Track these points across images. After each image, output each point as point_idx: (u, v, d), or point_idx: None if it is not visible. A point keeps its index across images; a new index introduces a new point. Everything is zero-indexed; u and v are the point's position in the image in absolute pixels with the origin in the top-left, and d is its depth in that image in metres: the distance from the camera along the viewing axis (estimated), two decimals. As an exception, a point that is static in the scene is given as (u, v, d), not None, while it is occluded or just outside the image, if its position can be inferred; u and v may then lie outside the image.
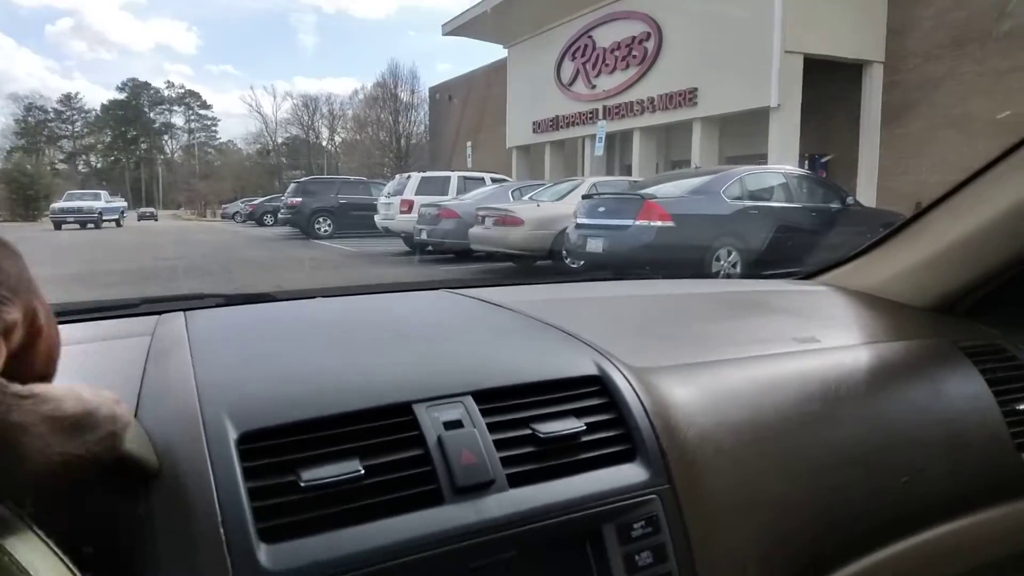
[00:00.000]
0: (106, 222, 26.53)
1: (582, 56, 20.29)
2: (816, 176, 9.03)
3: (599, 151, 16.04)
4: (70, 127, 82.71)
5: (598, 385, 0.79)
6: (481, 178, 14.43)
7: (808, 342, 1.03)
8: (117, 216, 28.16)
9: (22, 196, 41.58)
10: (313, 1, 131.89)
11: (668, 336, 1.03)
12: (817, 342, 1.03)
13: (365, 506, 0.61)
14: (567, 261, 8.68)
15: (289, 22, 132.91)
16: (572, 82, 20.77)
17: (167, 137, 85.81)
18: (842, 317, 1.25)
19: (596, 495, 0.68)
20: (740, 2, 14.74)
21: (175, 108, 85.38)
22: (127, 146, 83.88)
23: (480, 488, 0.65)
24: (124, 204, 31.70)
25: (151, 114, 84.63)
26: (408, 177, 13.91)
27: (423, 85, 41.69)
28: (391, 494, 0.63)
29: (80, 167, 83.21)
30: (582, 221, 8.17)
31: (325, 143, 71.43)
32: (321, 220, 18.80)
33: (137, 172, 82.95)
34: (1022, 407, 1.09)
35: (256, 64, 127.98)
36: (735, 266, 7.45)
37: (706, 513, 0.73)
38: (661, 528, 0.69)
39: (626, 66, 18.72)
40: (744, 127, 15.97)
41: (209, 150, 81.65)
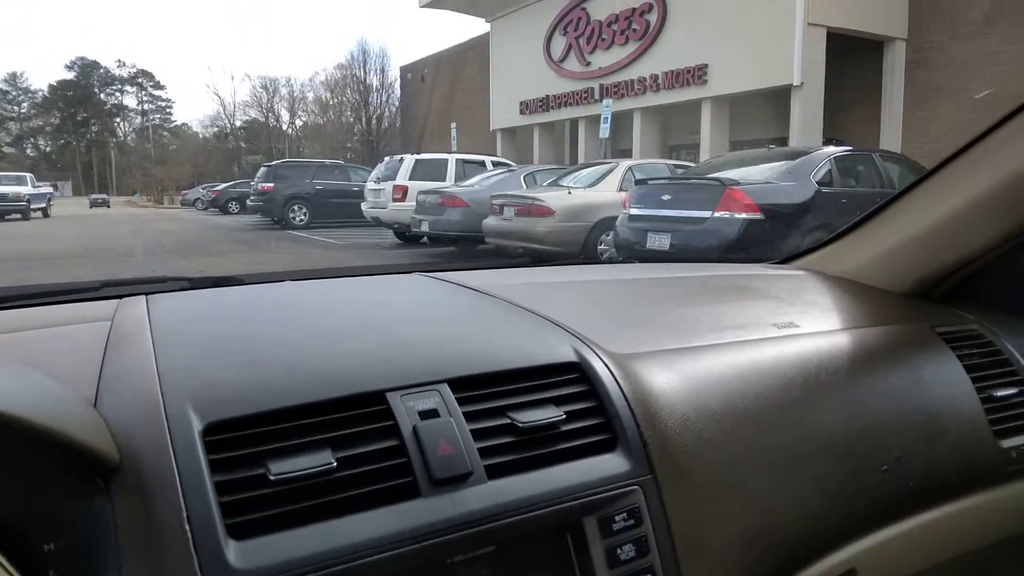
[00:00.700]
0: (33, 211, 21.80)
1: (575, 30, 18.73)
2: (904, 157, 7.69)
3: (605, 133, 14.57)
4: (16, 108, 78.08)
5: (577, 372, 0.76)
6: (481, 162, 12.84)
7: (787, 327, 1.01)
8: (44, 204, 23.55)
9: (-37, 181, 38.63)
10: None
11: (647, 321, 1.00)
12: (796, 327, 1.01)
13: (338, 500, 0.59)
14: (617, 260, 7.21)
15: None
16: (563, 59, 19.21)
17: (119, 119, 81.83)
18: (821, 302, 1.20)
19: (577, 486, 0.66)
20: (759, -31, 13.38)
21: (127, 89, 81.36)
22: (77, 128, 79.60)
23: (457, 480, 0.63)
24: (51, 190, 26.53)
25: (102, 95, 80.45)
26: (400, 160, 12.23)
27: (393, 64, 39.37)
28: (365, 487, 0.60)
29: (28, 151, 78.80)
30: (639, 212, 6.69)
31: (286, 127, 69.06)
32: (296, 208, 17.00)
33: (88, 156, 78.96)
34: (1000, 394, 1.08)
35: (208, 49, 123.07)
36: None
37: (688, 504, 0.71)
38: (643, 520, 0.68)
39: (625, 41, 17.23)
40: (754, 108, 14.66)
41: (164, 133, 78.01)
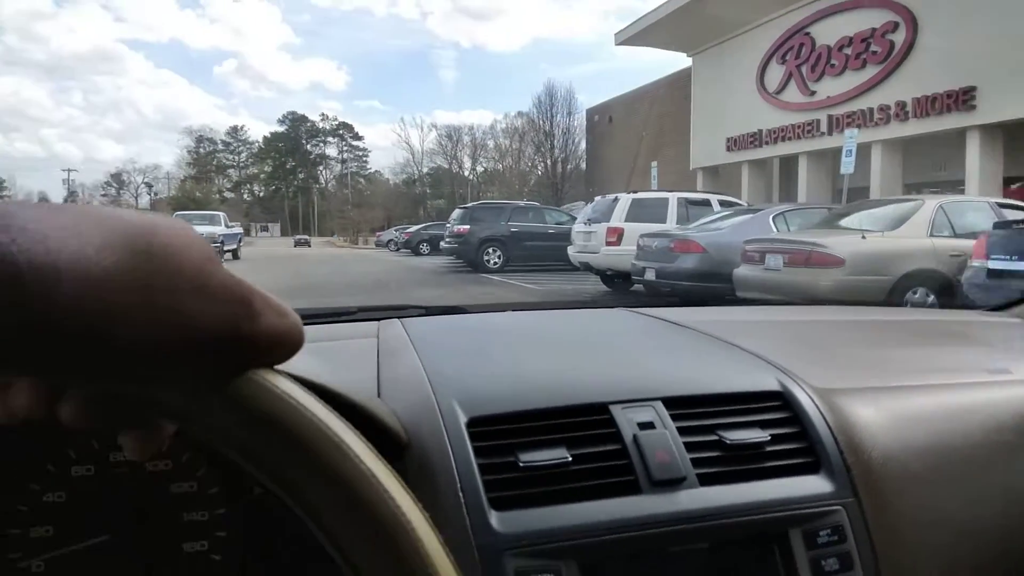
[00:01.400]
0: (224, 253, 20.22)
1: (795, 58, 16.66)
2: None
3: (848, 168, 12.35)
4: (236, 157, 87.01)
5: (781, 400, 0.79)
6: (706, 201, 11.15)
7: (1000, 373, 0.96)
8: (236, 245, 22.21)
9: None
10: (453, 37, 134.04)
11: (851, 360, 1.02)
12: (1010, 374, 0.96)
13: (573, 488, 0.65)
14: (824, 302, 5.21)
15: (430, 59, 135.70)
16: (780, 89, 17.17)
17: (322, 167, 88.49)
18: None
19: (782, 500, 0.69)
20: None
21: (329, 139, 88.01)
22: (286, 176, 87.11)
23: (673, 483, 0.67)
24: (241, 231, 25.99)
25: (308, 145, 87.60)
26: (615, 200, 10.81)
27: (579, 106, 38.58)
28: (595, 480, 0.66)
29: (245, 195, 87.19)
30: (1006, 265, 4.70)
31: (467, 173, 71.08)
32: (491, 251, 16.12)
33: (295, 201, 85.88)
34: None
35: (400, 99, 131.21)
36: None
37: (892, 529, 0.72)
38: (847, 537, 0.69)
39: (861, 65, 14.95)
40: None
41: (360, 179, 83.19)
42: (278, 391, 0.32)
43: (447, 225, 18.26)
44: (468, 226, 16.26)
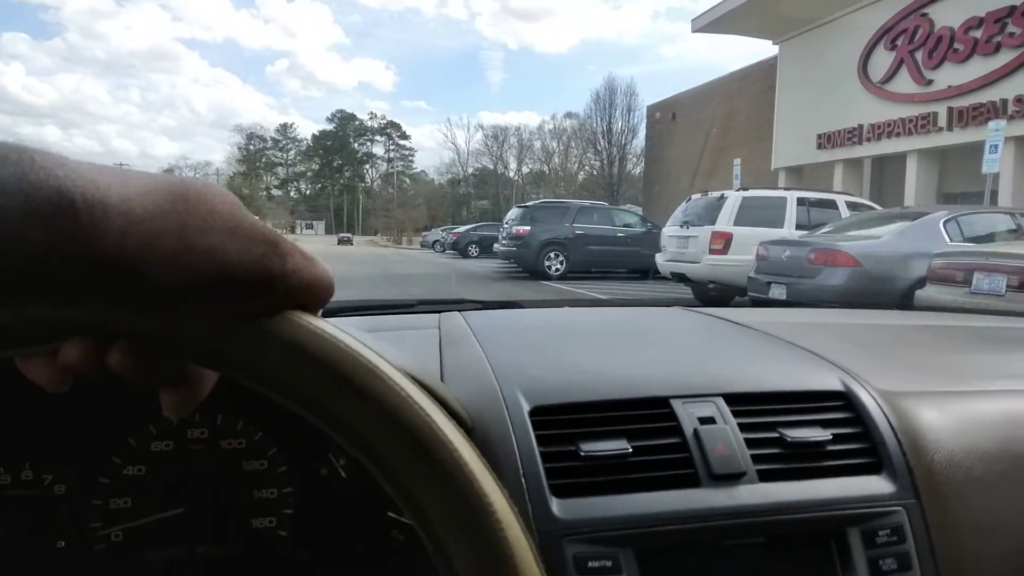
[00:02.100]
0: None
1: (908, 42, 14.39)
2: None
3: (993, 167, 10.17)
4: (284, 155, 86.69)
5: (844, 400, 0.77)
6: (830, 201, 9.07)
7: None
8: None
9: (235, 218, 41.46)
10: (500, 38, 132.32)
11: (915, 363, 0.99)
12: None
13: (633, 479, 0.65)
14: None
15: (479, 60, 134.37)
16: (888, 79, 14.90)
17: (368, 166, 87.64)
18: None
19: (842, 499, 0.68)
20: None
21: (377, 138, 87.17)
22: (332, 174, 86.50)
23: (732, 477, 0.66)
24: None
25: (355, 144, 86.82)
26: (721, 199, 8.80)
27: (640, 104, 36.23)
28: (654, 472, 0.66)
29: (291, 193, 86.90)
30: None
31: (513, 174, 69.64)
32: (552, 255, 14.21)
33: (340, 199, 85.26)
34: None
35: (447, 99, 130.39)
36: None
37: (953, 533, 0.70)
38: (907, 539, 0.68)
39: (994, 50, 12.64)
40: None
41: (405, 179, 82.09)
42: (314, 327, 0.32)
43: (502, 226, 16.41)
44: (528, 227, 14.38)
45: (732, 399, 0.74)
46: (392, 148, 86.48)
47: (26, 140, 0.25)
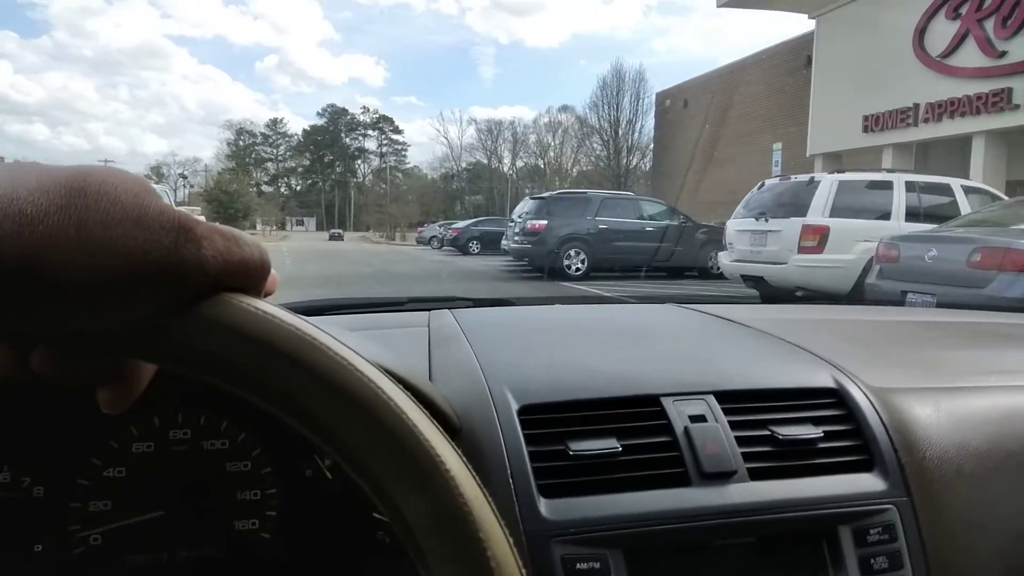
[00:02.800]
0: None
1: (976, 10, 12.52)
2: None
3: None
4: (274, 151, 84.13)
5: (836, 398, 0.77)
6: (945, 186, 7.15)
7: None
8: None
9: (223, 214, 39.37)
10: (491, 33, 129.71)
11: (907, 360, 0.98)
12: None
13: (623, 479, 0.64)
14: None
15: (470, 55, 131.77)
16: (950, 52, 13.02)
17: (360, 161, 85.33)
18: None
19: (833, 497, 0.67)
20: None
21: (369, 133, 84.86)
22: (323, 169, 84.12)
23: (723, 476, 0.66)
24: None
25: (346, 139, 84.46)
26: (811, 183, 6.85)
27: (649, 90, 33.97)
28: (644, 471, 0.65)
29: (282, 189, 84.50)
30: None
31: (507, 169, 67.82)
32: (572, 253, 12.28)
33: (332, 195, 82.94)
34: None
35: (438, 94, 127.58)
36: None
37: (944, 530, 0.70)
38: (898, 536, 0.67)
39: (1087, 12, 10.79)
40: None
41: (398, 174, 79.88)
42: (249, 306, 0.30)
43: (511, 221, 14.46)
44: (545, 221, 12.43)
45: (723, 397, 0.73)
46: (385, 143, 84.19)
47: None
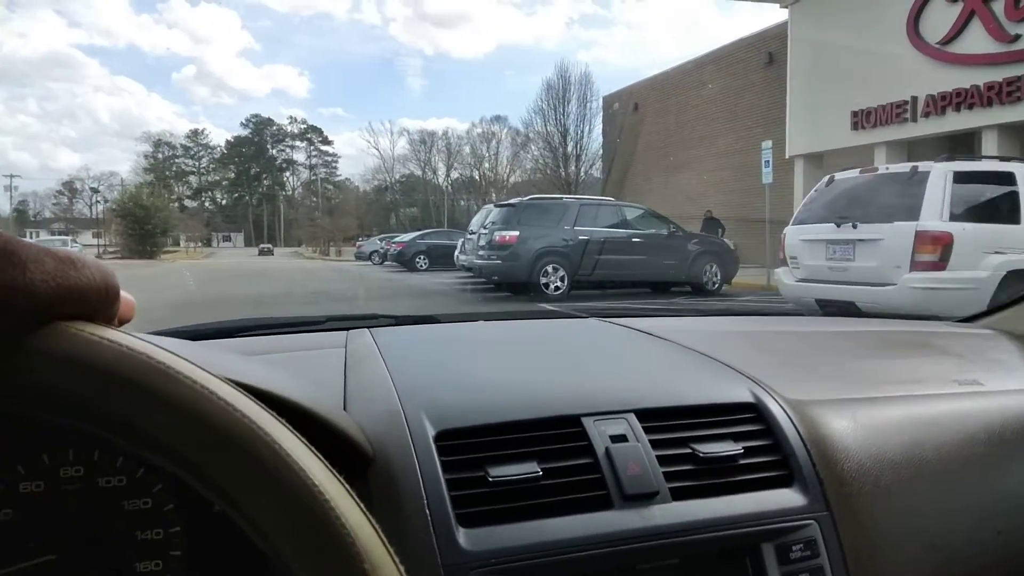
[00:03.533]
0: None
1: (981, -9, 11.25)
2: None
3: None
4: (197, 163, 79.10)
5: (754, 412, 0.76)
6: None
7: (970, 384, 0.94)
8: None
9: (138, 231, 35.70)
10: (416, 44, 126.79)
11: (822, 371, 0.99)
12: (980, 385, 0.94)
13: (544, 504, 0.63)
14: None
15: (395, 66, 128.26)
16: (951, 38, 11.72)
17: (289, 174, 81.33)
18: (1007, 361, 1.12)
19: (755, 515, 0.67)
20: None
21: (297, 144, 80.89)
22: (250, 182, 79.65)
23: (645, 498, 0.65)
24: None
25: (273, 151, 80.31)
26: (915, 173, 5.00)
27: (596, 94, 32.23)
28: (566, 495, 0.64)
29: (206, 204, 79.68)
30: None
31: (442, 180, 65.99)
32: (550, 269, 10.33)
33: (260, 209, 78.71)
34: None
35: (364, 106, 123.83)
36: None
37: (864, 543, 0.70)
38: (820, 552, 0.67)
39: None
40: None
41: (328, 186, 76.44)
42: (89, 335, 0.28)
43: (472, 232, 12.42)
44: (517, 232, 10.46)
45: (644, 415, 0.71)
46: (314, 154, 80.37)
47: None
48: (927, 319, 1.48)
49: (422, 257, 19.91)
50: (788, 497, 0.69)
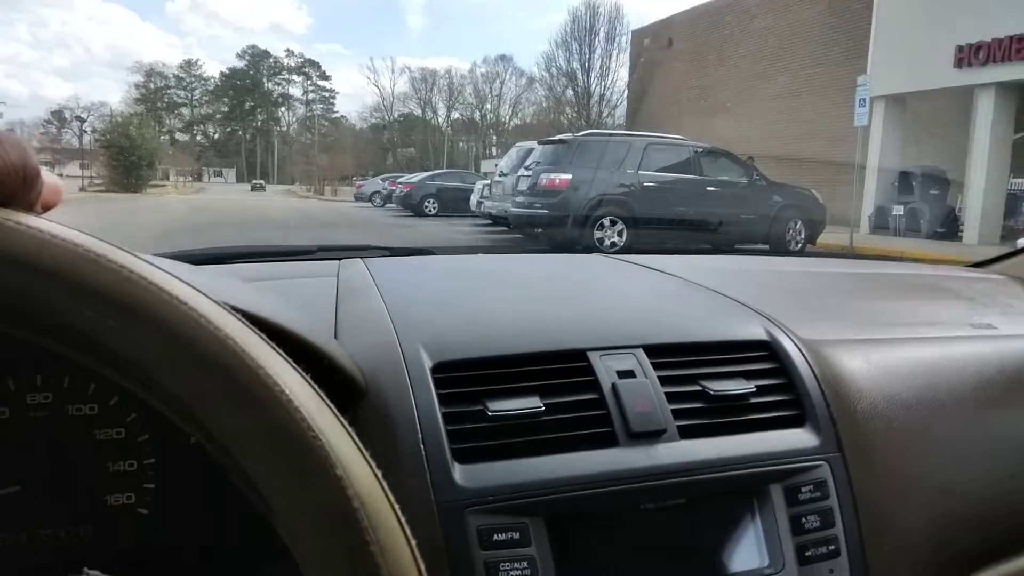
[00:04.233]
0: None
1: None
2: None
3: None
4: (189, 95, 75.30)
5: (767, 351, 0.74)
6: None
7: (984, 328, 0.91)
8: None
9: (123, 163, 33.10)
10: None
11: (837, 311, 0.95)
12: (995, 328, 0.91)
13: (545, 440, 0.61)
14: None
15: (398, 2, 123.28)
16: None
17: (284, 108, 77.72)
18: (1020, 305, 1.10)
19: (764, 455, 0.64)
20: None
21: (294, 78, 77.03)
22: (244, 117, 76.04)
23: (652, 435, 0.62)
24: None
25: (269, 84, 76.49)
26: None
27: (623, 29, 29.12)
28: (569, 431, 0.62)
29: (198, 137, 76.28)
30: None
31: (442, 121, 63.05)
32: (608, 224, 8.28)
33: (253, 144, 75.45)
34: None
35: (363, 43, 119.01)
36: None
37: (876, 485, 0.68)
38: (829, 494, 0.65)
39: None
40: None
41: (324, 123, 73.09)
42: (2, 222, 0.24)
43: (503, 175, 10.32)
44: (569, 175, 8.36)
45: (652, 351, 0.69)
46: (311, 89, 76.62)
47: None
48: (938, 264, 1.47)
49: (431, 201, 17.71)
50: (800, 437, 0.67)
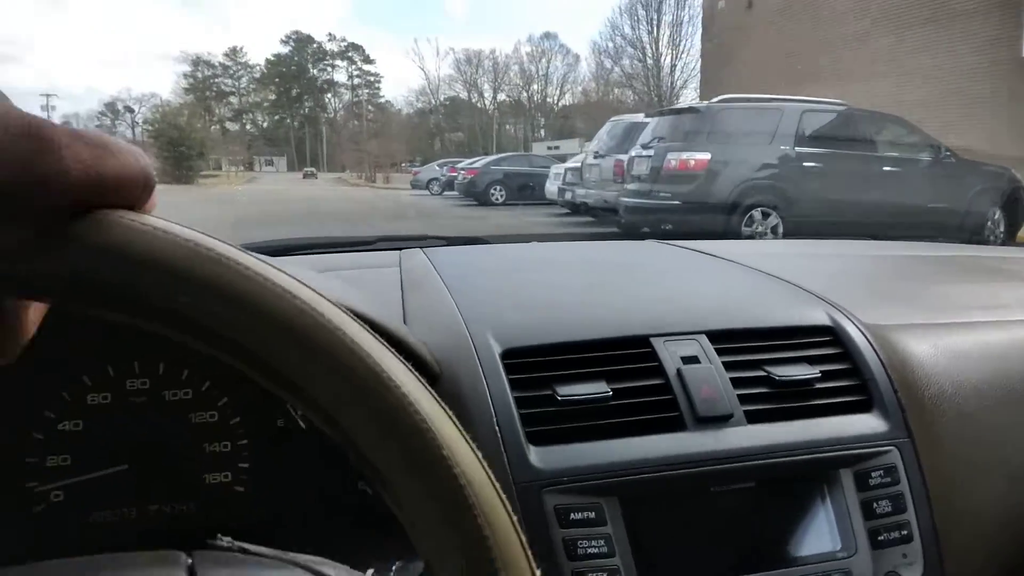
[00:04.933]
0: None
1: None
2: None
3: None
4: (236, 83, 74.91)
5: (831, 336, 0.72)
6: None
7: None
8: None
9: (174, 152, 32.27)
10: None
11: (900, 296, 0.93)
12: None
13: (614, 424, 0.61)
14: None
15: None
16: None
17: (330, 95, 76.74)
18: None
19: (833, 440, 0.64)
20: None
21: (338, 63, 75.88)
22: (291, 104, 75.35)
23: (719, 420, 0.62)
24: None
25: (314, 70, 75.56)
26: None
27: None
28: (637, 416, 0.62)
29: (247, 126, 75.98)
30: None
31: (488, 103, 61.09)
32: (758, 216, 6.40)
33: (301, 132, 74.76)
34: None
35: (405, 25, 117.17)
36: None
37: (946, 471, 0.67)
38: (900, 479, 0.64)
39: None
40: None
41: (370, 108, 71.85)
42: (137, 223, 0.25)
43: (599, 156, 8.52)
44: (707, 154, 6.51)
45: (716, 336, 0.68)
46: (356, 74, 75.40)
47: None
48: (999, 245, 1.89)
49: (498, 188, 15.97)
50: (868, 423, 0.66)
